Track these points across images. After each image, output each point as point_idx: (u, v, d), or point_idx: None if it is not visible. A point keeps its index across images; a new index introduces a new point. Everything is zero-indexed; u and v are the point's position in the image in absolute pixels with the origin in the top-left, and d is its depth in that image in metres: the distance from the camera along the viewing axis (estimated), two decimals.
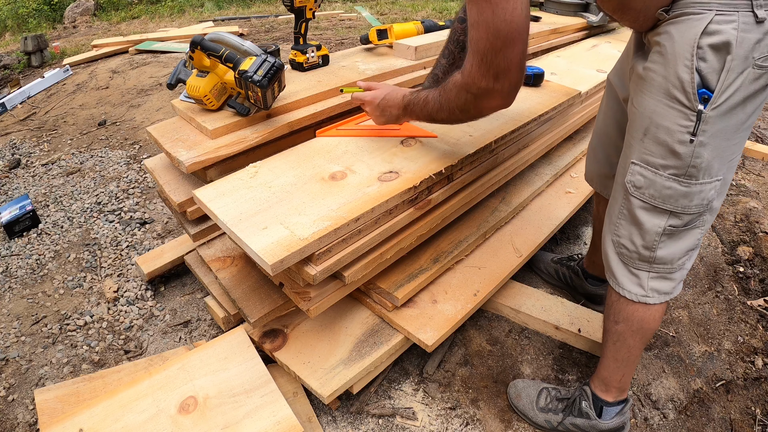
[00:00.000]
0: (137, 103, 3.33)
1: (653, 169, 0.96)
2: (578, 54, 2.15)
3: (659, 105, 0.92)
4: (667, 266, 1.05)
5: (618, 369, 1.20)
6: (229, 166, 1.34)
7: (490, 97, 0.94)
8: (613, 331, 1.16)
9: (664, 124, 0.91)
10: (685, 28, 0.85)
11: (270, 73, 1.23)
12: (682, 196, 0.95)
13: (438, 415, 1.33)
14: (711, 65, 0.83)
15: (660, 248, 1.02)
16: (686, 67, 0.85)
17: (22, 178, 2.59)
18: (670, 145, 0.92)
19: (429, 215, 1.32)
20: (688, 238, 1.02)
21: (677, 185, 0.94)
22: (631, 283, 1.09)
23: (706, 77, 0.84)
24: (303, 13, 1.59)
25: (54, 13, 7.13)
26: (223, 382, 1.21)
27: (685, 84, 0.86)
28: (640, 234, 1.02)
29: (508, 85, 0.91)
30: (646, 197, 0.99)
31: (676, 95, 0.88)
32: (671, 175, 0.94)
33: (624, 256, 1.08)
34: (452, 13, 5.90)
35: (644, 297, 1.08)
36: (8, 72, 4.27)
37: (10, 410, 1.38)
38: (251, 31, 5.05)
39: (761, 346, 1.55)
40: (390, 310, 1.35)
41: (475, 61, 0.90)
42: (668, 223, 0.99)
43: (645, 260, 1.05)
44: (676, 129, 0.90)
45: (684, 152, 0.91)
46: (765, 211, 2.13)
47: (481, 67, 0.89)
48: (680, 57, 0.86)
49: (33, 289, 1.82)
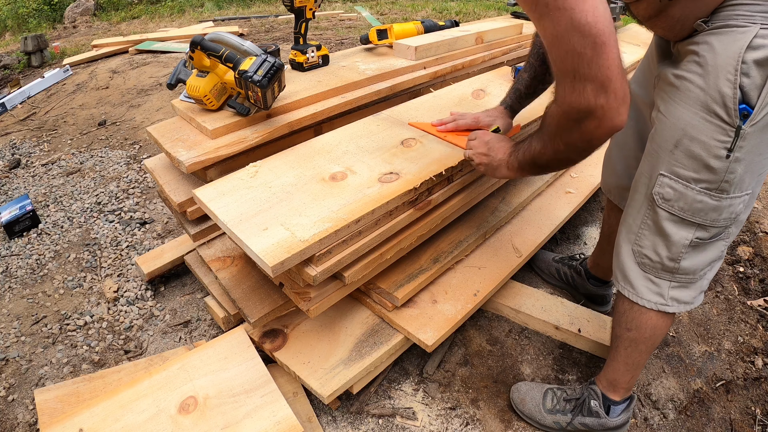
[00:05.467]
0: (137, 103, 3.33)
1: (684, 182, 0.94)
2: None
3: (695, 118, 0.88)
4: (689, 276, 1.04)
5: (628, 372, 1.20)
6: (229, 166, 1.34)
7: (598, 118, 0.79)
8: (625, 337, 1.16)
9: (700, 138, 0.89)
10: (728, 40, 0.81)
11: (270, 73, 1.23)
12: (712, 209, 0.94)
13: (438, 415, 1.33)
14: (754, 81, 0.81)
15: (685, 259, 1.01)
16: (729, 82, 0.82)
17: (22, 178, 2.59)
18: (704, 160, 0.90)
19: (429, 216, 1.32)
20: (713, 250, 1.01)
21: (708, 199, 0.93)
22: (651, 293, 1.08)
23: (747, 93, 0.82)
24: (303, 13, 1.59)
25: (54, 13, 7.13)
26: (223, 382, 1.21)
27: (726, 99, 0.84)
28: (666, 245, 1.01)
29: (614, 98, 0.76)
30: (675, 210, 0.97)
31: (716, 110, 0.85)
32: (703, 189, 0.92)
33: (646, 267, 1.07)
34: (452, 13, 5.90)
35: (664, 306, 1.08)
36: (8, 72, 4.27)
37: (10, 410, 1.38)
38: (251, 31, 5.05)
39: (761, 346, 1.55)
40: (390, 310, 1.35)
41: (567, 82, 0.79)
42: (696, 236, 0.98)
43: (668, 271, 1.04)
44: (713, 144, 0.88)
45: (719, 167, 0.89)
46: (765, 211, 2.13)
47: (576, 86, 0.77)
48: (722, 71, 0.82)
49: (33, 289, 1.82)
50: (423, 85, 1.83)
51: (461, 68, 1.92)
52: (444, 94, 1.66)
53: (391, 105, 1.63)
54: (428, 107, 1.55)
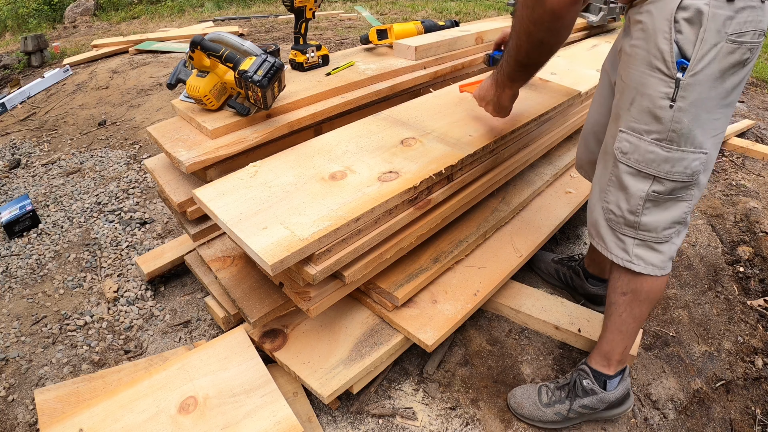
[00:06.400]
0: (137, 103, 3.33)
1: (638, 135, 1.02)
2: (578, 54, 2.15)
3: (643, 75, 0.98)
4: (651, 234, 1.09)
5: (621, 341, 1.23)
6: (229, 166, 1.34)
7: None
8: (620, 302, 1.19)
9: (647, 92, 0.98)
10: (662, 5, 0.92)
11: (270, 73, 1.23)
12: (663, 160, 1.01)
13: (438, 415, 1.33)
14: (686, 37, 0.91)
15: (645, 214, 1.07)
16: (665, 39, 0.93)
17: (22, 178, 2.59)
18: (652, 111, 0.98)
19: (429, 215, 1.32)
20: (673, 209, 1.07)
21: (659, 150, 1.00)
22: (618, 248, 1.14)
23: (683, 48, 0.92)
24: (303, 13, 1.59)
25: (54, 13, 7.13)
26: (223, 382, 1.21)
27: (664, 54, 0.94)
28: (626, 198, 1.08)
29: None
30: (631, 162, 1.04)
31: (657, 65, 0.95)
32: (654, 140, 1.00)
33: (612, 222, 1.13)
34: (452, 13, 5.90)
35: (629, 263, 1.13)
36: (8, 72, 4.27)
37: (10, 410, 1.38)
38: (251, 31, 5.05)
39: (761, 346, 1.55)
40: (390, 310, 1.35)
41: None
42: (651, 188, 1.04)
43: (630, 225, 1.10)
44: (657, 95, 0.97)
45: (665, 117, 0.97)
46: (765, 211, 2.13)
47: None
48: (659, 31, 0.93)
49: (33, 289, 1.82)
50: (423, 85, 1.83)
51: (461, 68, 1.92)
52: (444, 94, 1.66)
53: (391, 105, 1.63)
54: (428, 107, 1.55)
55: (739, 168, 2.50)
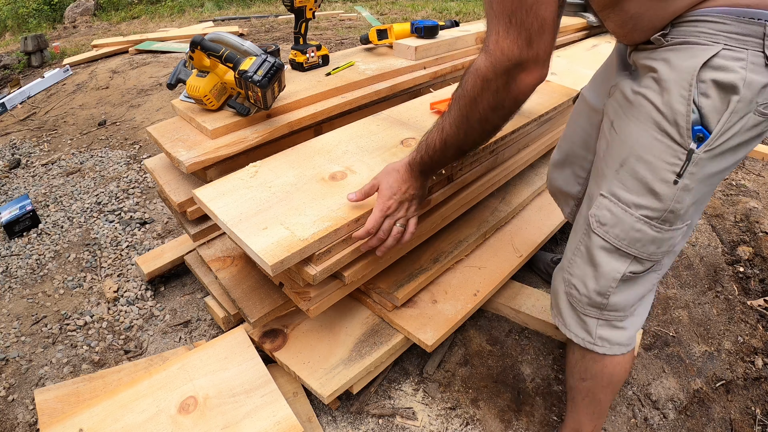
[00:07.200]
0: (137, 103, 3.33)
1: (623, 207, 0.85)
2: (578, 54, 2.15)
3: (645, 135, 0.81)
4: (618, 313, 0.95)
5: (591, 421, 1.13)
6: (229, 166, 1.34)
7: (527, 70, 0.75)
8: (581, 388, 1.09)
9: (647, 158, 0.81)
10: (685, 56, 0.75)
11: (270, 73, 1.23)
12: (650, 241, 0.85)
13: (438, 415, 1.33)
14: (713, 103, 0.74)
15: (614, 294, 0.92)
16: (682, 98, 0.75)
17: (22, 178, 2.59)
18: (649, 183, 0.81)
19: (429, 215, 1.32)
20: (644, 284, 0.93)
21: (648, 229, 0.84)
22: (578, 328, 1.00)
23: (706, 115, 0.75)
24: (303, 13, 1.59)
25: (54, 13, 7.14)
26: (223, 382, 1.21)
27: (678, 116, 0.76)
28: (595, 277, 0.92)
29: (543, 49, 0.74)
30: (609, 237, 0.88)
31: (667, 128, 0.78)
32: (643, 217, 0.84)
33: (573, 299, 0.98)
34: (452, 13, 5.90)
35: (591, 345, 0.99)
36: (8, 72, 4.27)
37: (10, 410, 1.38)
38: (251, 31, 5.05)
39: (761, 346, 1.55)
40: (390, 310, 1.35)
41: (501, 25, 0.73)
42: (629, 269, 0.89)
43: (596, 306, 0.95)
44: (661, 166, 0.80)
45: (665, 194, 0.81)
46: (765, 211, 2.13)
47: (510, 32, 0.72)
48: (677, 86, 0.76)
49: (33, 289, 1.82)
50: (423, 85, 1.83)
51: (461, 68, 1.92)
52: (444, 94, 1.66)
53: (391, 105, 1.63)
54: (428, 107, 1.55)
55: (739, 168, 2.50)
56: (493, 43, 0.75)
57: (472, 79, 0.81)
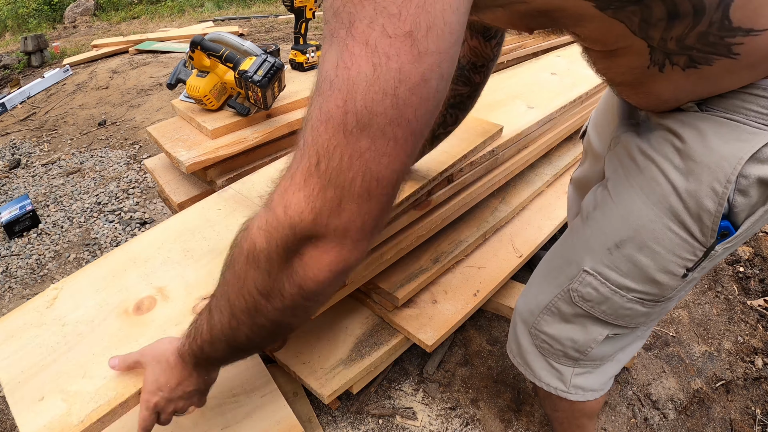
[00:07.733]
0: (137, 103, 3.33)
1: (614, 288, 0.73)
2: (578, 53, 2.15)
3: (655, 222, 0.66)
4: (596, 362, 0.87)
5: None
6: (229, 166, 1.34)
7: (321, 247, 0.48)
8: (555, 418, 1.06)
9: (654, 247, 0.67)
10: (728, 136, 0.58)
11: (270, 73, 1.24)
12: (641, 315, 0.75)
13: (438, 415, 1.33)
14: (749, 202, 0.60)
15: (595, 350, 0.83)
16: (714, 194, 0.60)
17: (22, 178, 2.59)
18: (650, 273, 0.69)
19: (429, 216, 1.32)
20: (630, 337, 0.85)
21: (640, 307, 0.73)
22: (551, 377, 0.90)
23: (737, 214, 0.61)
24: (303, 13, 1.59)
25: (54, 13, 7.14)
26: (223, 382, 1.21)
27: (704, 214, 0.62)
28: (572, 339, 0.83)
29: (362, 221, 0.47)
30: (595, 311, 0.77)
31: (686, 221, 0.63)
32: (636, 298, 0.72)
33: (546, 351, 0.88)
34: None
35: (565, 393, 0.90)
36: (8, 72, 4.27)
37: (10, 410, 1.38)
38: (251, 31, 5.05)
39: (761, 346, 1.55)
40: (390, 310, 1.35)
41: (302, 167, 0.46)
42: (613, 332, 0.80)
43: (572, 359, 0.86)
44: (670, 258, 0.66)
45: (668, 284, 0.69)
46: None
47: (310, 182, 0.45)
48: (710, 177, 0.59)
49: (33, 289, 1.82)
50: None
51: None
52: None
53: None
54: None
55: None
56: (279, 192, 0.48)
57: (239, 246, 0.53)
